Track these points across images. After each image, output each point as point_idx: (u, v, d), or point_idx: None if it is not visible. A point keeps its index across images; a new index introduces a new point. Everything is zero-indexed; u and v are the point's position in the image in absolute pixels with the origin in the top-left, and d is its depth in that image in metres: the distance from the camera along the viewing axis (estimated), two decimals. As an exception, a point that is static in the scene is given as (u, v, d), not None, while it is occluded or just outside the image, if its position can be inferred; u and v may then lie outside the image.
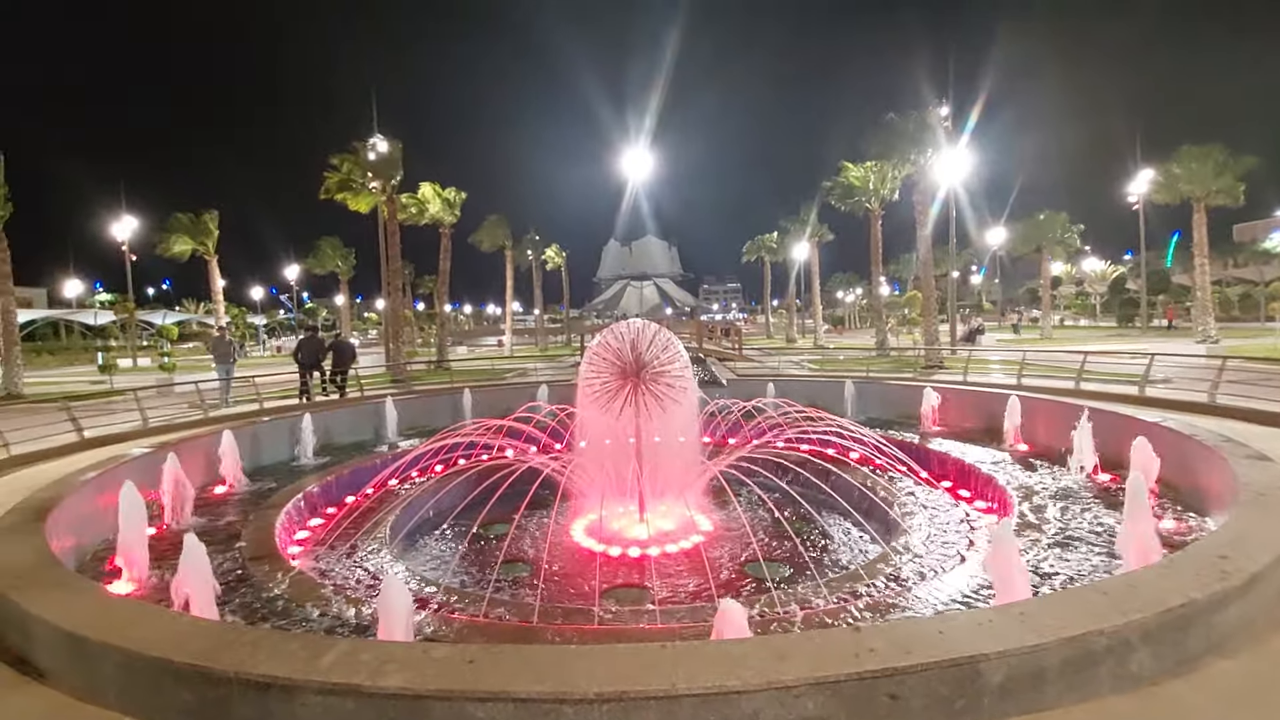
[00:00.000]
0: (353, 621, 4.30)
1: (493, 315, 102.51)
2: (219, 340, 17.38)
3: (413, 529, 7.36)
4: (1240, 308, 47.79)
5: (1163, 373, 11.02)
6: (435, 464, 8.92)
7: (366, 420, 11.85)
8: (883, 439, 8.20)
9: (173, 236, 31.50)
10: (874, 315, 32.38)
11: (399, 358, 24.53)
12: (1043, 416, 8.83)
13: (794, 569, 6.27)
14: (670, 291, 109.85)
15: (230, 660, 2.62)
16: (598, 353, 7.62)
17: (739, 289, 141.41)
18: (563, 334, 60.94)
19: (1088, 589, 3.37)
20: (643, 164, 38.45)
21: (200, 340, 54.09)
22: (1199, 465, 5.98)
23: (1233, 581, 3.19)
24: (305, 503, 7.64)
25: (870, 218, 29.02)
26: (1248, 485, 4.69)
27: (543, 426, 9.76)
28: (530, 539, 7.29)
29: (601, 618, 4.52)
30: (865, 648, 2.51)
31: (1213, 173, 27.05)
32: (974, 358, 19.07)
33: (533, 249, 51.16)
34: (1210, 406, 9.20)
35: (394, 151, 25.48)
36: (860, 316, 74.20)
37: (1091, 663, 2.77)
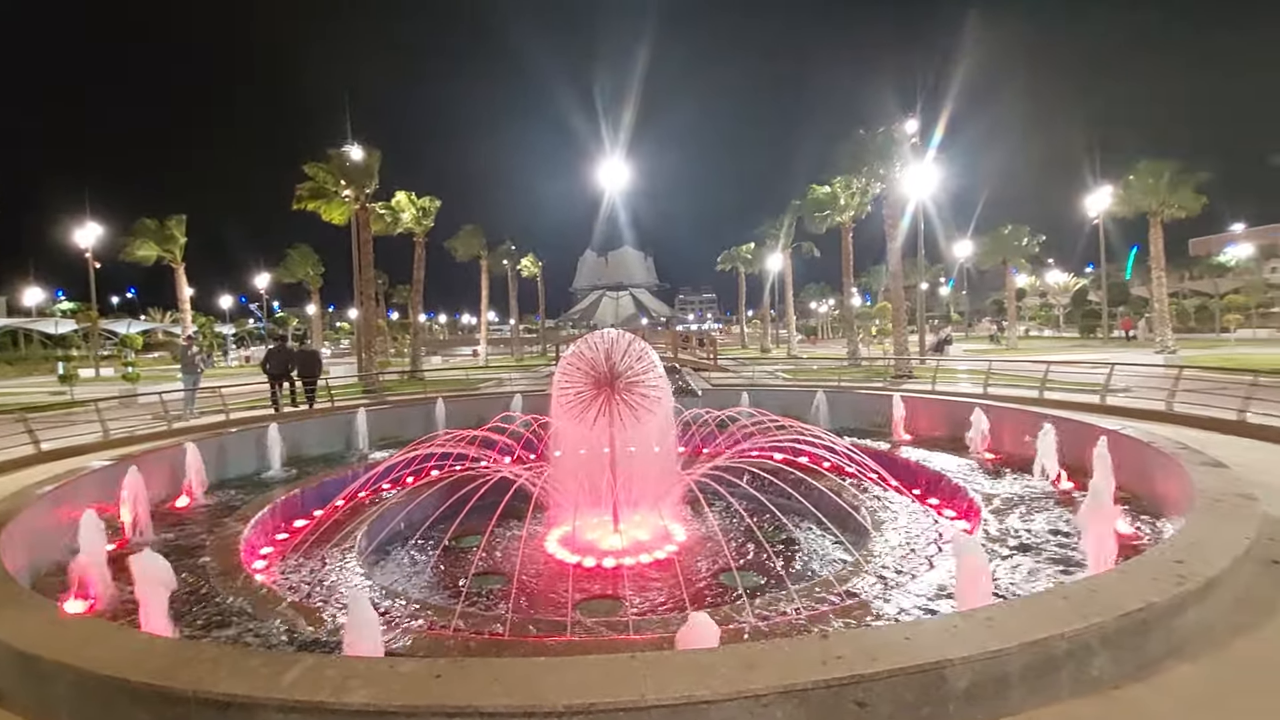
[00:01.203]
0: (319, 637, 4.20)
1: (468, 325, 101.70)
2: (185, 350, 16.95)
3: (384, 541, 7.24)
4: (1196, 319, 49.53)
5: (1123, 382, 11.37)
6: (407, 475, 8.79)
7: (337, 431, 11.64)
8: (854, 448, 8.30)
9: (137, 241, 30.68)
10: (846, 326, 32.87)
11: (371, 368, 24.16)
12: (1008, 425, 9.03)
13: (767, 578, 6.30)
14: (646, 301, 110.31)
15: (189, 678, 2.54)
16: (572, 362, 7.61)
17: (714, 299, 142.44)
18: (538, 344, 60.68)
19: (1050, 594, 3.44)
20: (619, 174, 38.67)
21: (166, 350, 52.70)
22: (1157, 472, 6.17)
23: (1189, 586, 3.28)
24: (272, 516, 7.47)
25: (842, 231, 29.52)
26: (1203, 491, 4.84)
27: (517, 437, 9.69)
28: (503, 550, 7.22)
29: (574, 629, 4.49)
30: (833, 655, 2.54)
31: (1167, 187, 28.08)
32: (942, 367, 19.44)
33: (508, 258, 50.92)
34: (1168, 414, 9.51)
35: (371, 160, 25.20)
36: (833, 327, 75.19)
37: (1053, 667, 2.83)
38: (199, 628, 4.43)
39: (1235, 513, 4.35)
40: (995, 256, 47.19)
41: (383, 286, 58.30)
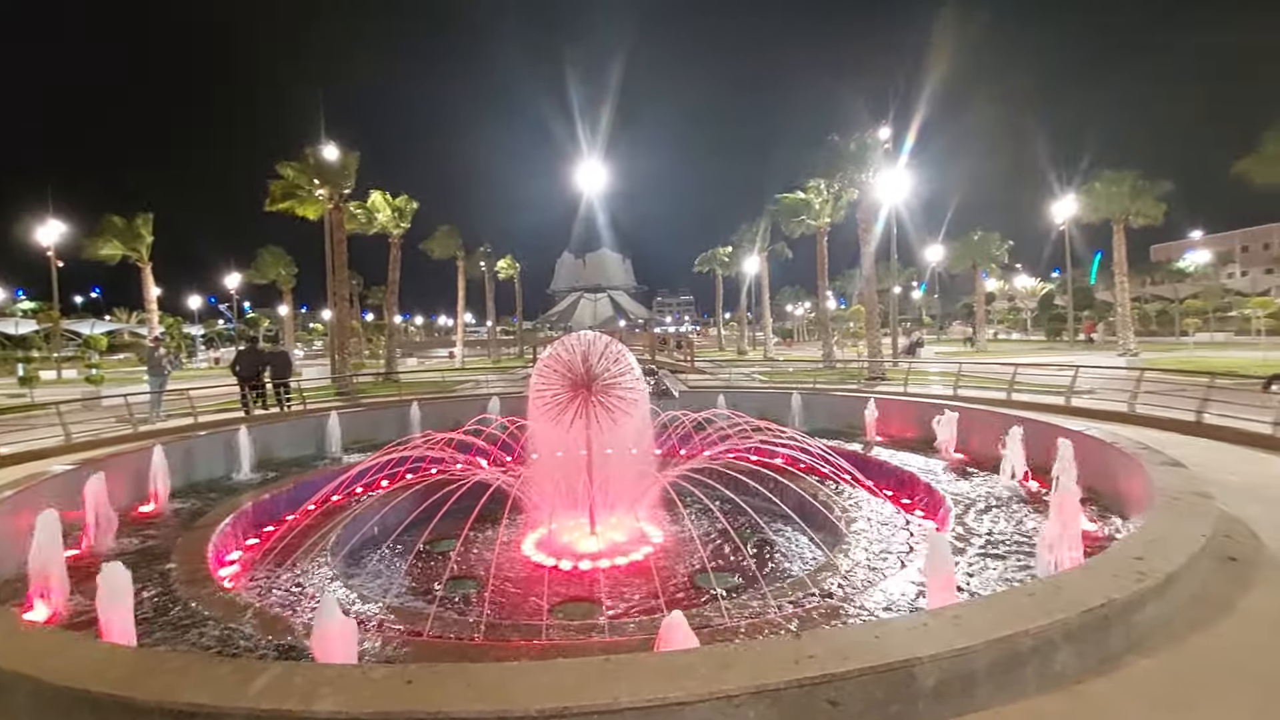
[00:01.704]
0: (289, 644, 4.13)
1: (444, 327, 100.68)
2: (152, 351, 16.52)
3: (356, 546, 7.14)
4: (1157, 323, 51.06)
5: (1087, 384, 11.67)
6: (381, 479, 8.68)
7: (309, 434, 11.45)
8: (828, 449, 8.39)
9: (102, 240, 29.84)
10: (821, 328, 33.24)
11: (345, 370, 23.80)
12: (977, 426, 9.21)
13: (743, 578, 6.34)
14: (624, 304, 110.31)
15: (152, 688, 2.48)
16: (549, 364, 7.59)
17: (692, 301, 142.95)
18: (516, 346, 60.32)
19: (1015, 591, 3.52)
20: (598, 176, 38.64)
21: (132, 351, 51.26)
22: (1119, 471, 6.35)
23: (1149, 582, 3.37)
24: (241, 521, 7.32)
25: (817, 235, 29.87)
26: (1163, 490, 4.98)
27: (494, 439, 9.63)
28: (479, 554, 7.16)
29: (549, 633, 4.48)
30: (805, 654, 2.57)
31: (1130, 195, 28.96)
32: (914, 370, 19.76)
33: (485, 260, 50.57)
34: (1130, 415, 9.80)
35: (349, 161, 24.83)
36: (808, 329, 75.98)
37: (1019, 663, 2.89)
38: (163, 637, 4.33)
39: (1192, 511, 4.49)
40: (965, 261, 48.37)
41: (357, 287, 57.49)
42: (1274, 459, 7.40)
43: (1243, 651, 3.26)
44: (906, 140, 25.61)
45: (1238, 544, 4.69)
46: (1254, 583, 4.06)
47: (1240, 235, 70.25)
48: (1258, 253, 70.50)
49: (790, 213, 30.40)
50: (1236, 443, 8.18)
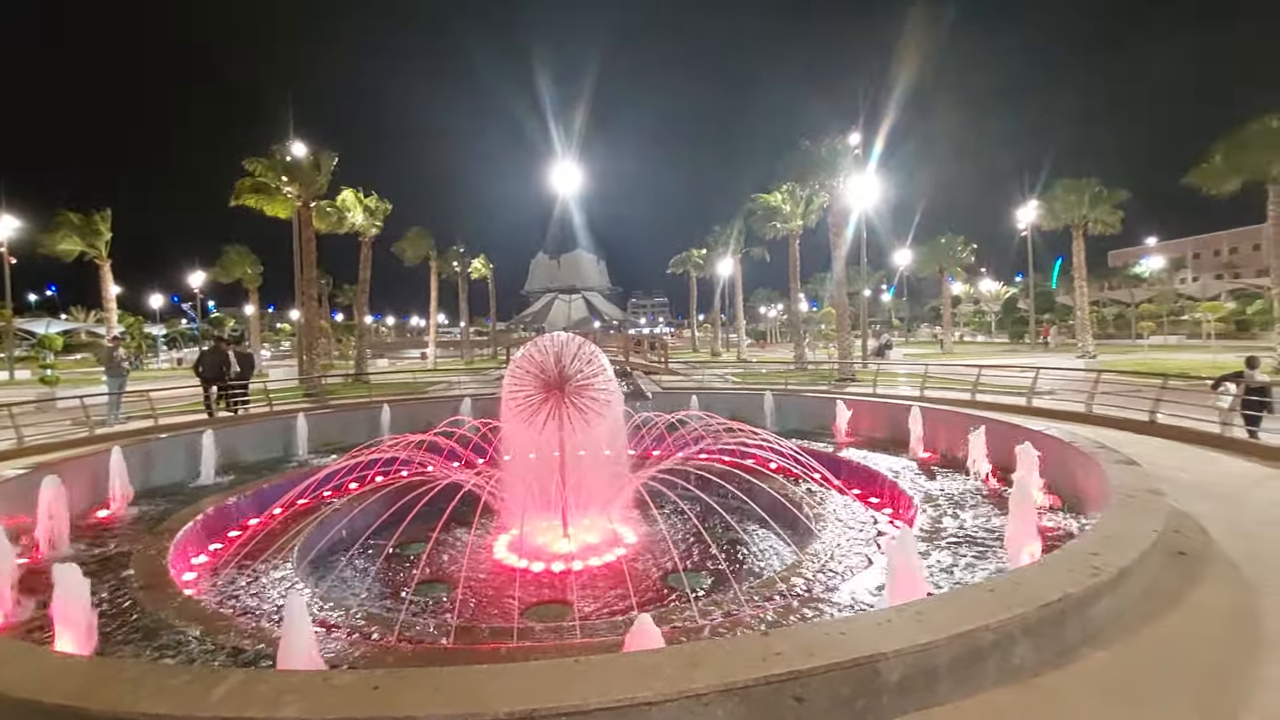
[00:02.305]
0: (253, 652, 4.04)
1: (416, 327, 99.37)
2: (110, 351, 15.99)
3: (324, 550, 7.01)
4: (1115, 326, 52.78)
5: (1048, 385, 12.02)
6: (350, 482, 8.54)
7: (276, 437, 11.21)
8: (799, 449, 8.50)
9: (58, 235, 28.80)
10: (793, 330, 33.64)
11: (313, 370, 23.34)
12: (943, 426, 9.42)
13: (715, 578, 6.39)
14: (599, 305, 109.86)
15: (107, 699, 2.41)
16: (521, 365, 7.55)
17: (666, 303, 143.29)
18: (490, 347, 59.80)
19: (977, 587, 3.61)
20: (573, 178, 38.54)
21: (89, 351, 49.50)
22: (1077, 470, 6.55)
23: (1103, 577, 3.49)
24: (204, 526, 7.14)
25: (790, 238, 30.22)
26: (1118, 488, 5.16)
27: (465, 441, 9.54)
28: (449, 557, 7.10)
29: (521, 636, 4.46)
30: (772, 652, 2.60)
31: (1088, 203, 29.93)
32: (883, 371, 20.11)
33: (458, 260, 50.01)
34: (1088, 415, 10.11)
35: (325, 161, 24.40)
36: (781, 331, 76.76)
37: (979, 657, 2.97)
38: (121, 646, 4.20)
39: (1145, 508, 4.66)
40: (932, 265, 49.48)
41: (326, 287, 56.38)
42: (1223, 457, 7.71)
43: (1191, 643, 3.40)
44: (875, 146, 26.10)
45: (1187, 539, 4.88)
46: (1202, 577, 4.23)
47: (1192, 242, 73.03)
48: (1208, 259, 73.39)
49: (764, 216, 30.75)
50: (1188, 441, 8.50)
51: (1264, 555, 4.58)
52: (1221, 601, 3.88)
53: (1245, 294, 46.41)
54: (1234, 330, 39.65)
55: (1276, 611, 3.71)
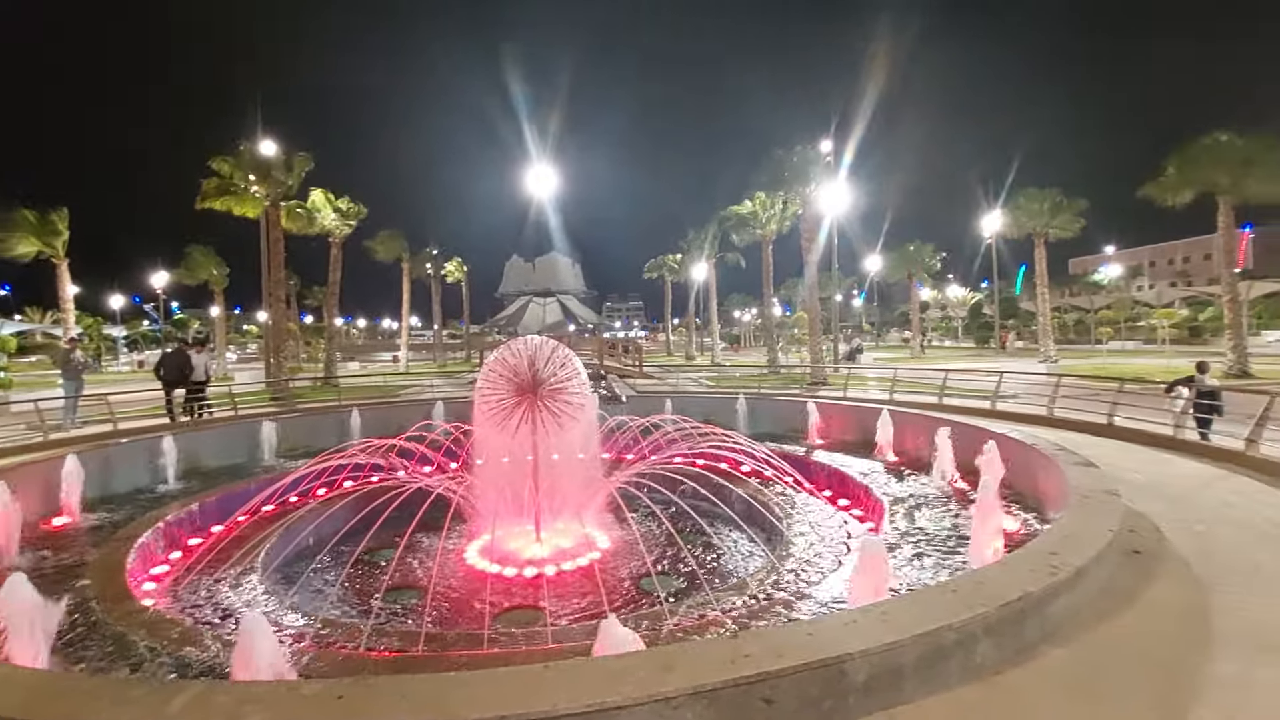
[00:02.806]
0: (214, 663, 3.94)
1: (388, 330, 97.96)
2: (67, 353, 15.45)
3: (290, 558, 6.88)
4: (1075, 331, 54.36)
5: (1012, 389, 12.33)
6: (318, 487, 8.37)
7: (240, 442, 10.95)
8: (772, 452, 8.59)
9: (15, 236, 27.71)
10: (766, 335, 33.98)
11: (280, 374, 22.86)
12: (910, 429, 9.60)
13: (687, 581, 6.41)
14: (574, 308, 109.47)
15: (60, 713, 2.33)
16: (494, 369, 7.50)
17: (641, 306, 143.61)
18: (463, 350, 59.22)
19: (940, 587, 3.69)
20: (548, 180, 38.42)
21: (45, 353, 47.73)
22: (1038, 471, 6.73)
23: (1061, 576, 3.59)
24: (164, 533, 6.95)
25: (763, 244, 30.55)
26: (1076, 489, 5.31)
27: (438, 446, 9.43)
28: (420, 563, 7.01)
29: (491, 642, 4.42)
30: (741, 654, 2.62)
31: (1050, 211, 30.86)
32: (853, 375, 20.43)
33: (432, 262, 49.45)
34: (1049, 419, 10.39)
35: (300, 162, 23.92)
36: (755, 335, 77.44)
37: (943, 656, 3.03)
38: (76, 658, 4.06)
39: (1102, 508, 4.81)
40: (901, 271, 50.53)
41: (295, 288, 55.30)
42: (1175, 458, 7.99)
43: (1146, 639, 3.51)
44: (846, 154, 26.65)
45: (1142, 538, 5.04)
46: (1156, 575, 4.38)
47: (1148, 251, 75.59)
48: (1164, 267, 76.03)
49: (737, 222, 31.07)
50: (1143, 443, 8.79)
51: (1214, 553, 4.76)
52: (1174, 599, 4.02)
53: (1198, 301, 48.24)
54: (1187, 336, 41.14)
55: (1226, 608, 3.85)
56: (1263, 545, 4.91)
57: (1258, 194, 22.22)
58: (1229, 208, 22.64)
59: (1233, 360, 21.76)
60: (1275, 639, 3.46)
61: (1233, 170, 22.01)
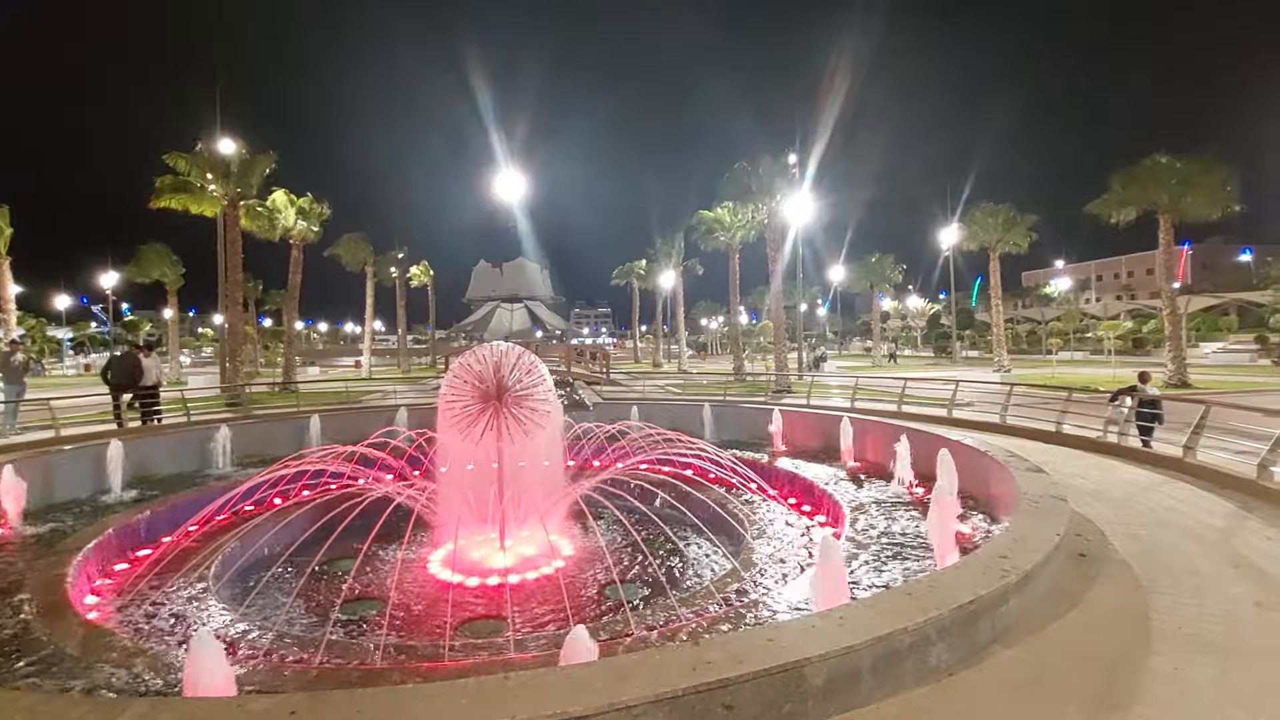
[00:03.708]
0: (162, 679, 3.80)
1: (351, 334, 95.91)
2: (7, 356, 14.71)
3: (244, 569, 6.66)
4: (1027, 342, 56.26)
5: (967, 397, 12.71)
6: (274, 496, 8.15)
7: (193, 449, 10.60)
8: (736, 459, 8.68)
9: (-46, 235, 26.31)
10: (733, 343, 34.34)
11: (236, 379, 22.14)
12: (871, 436, 9.82)
13: (652, 589, 6.43)
14: (541, 315, 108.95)
15: (-7, 736, 2.23)
16: (459, 375, 7.43)
17: (610, 313, 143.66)
18: (428, 355, 58.29)
19: (897, 591, 3.78)
20: (517, 186, 38.14)
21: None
22: (991, 477, 6.95)
23: (1011, 579, 3.71)
24: (110, 544, 6.69)
25: (730, 252, 30.91)
26: (1026, 494, 5.51)
27: (400, 453, 9.27)
28: (380, 574, 6.87)
29: (453, 653, 4.36)
30: (703, 660, 2.65)
31: (1003, 226, 32.00)
32: (817, 383, 20.75)
33: (397, 266, 48.56)
34: (1002, 426, 10.74)
35: (262, 161, 23.23)
36: (722, 343, 78.05)
37: (898, 659, 3.10)
38: (13, 675, 3.87)
39: (1050, 512, 4.99)
40: (864, 282, 51.78)
41: (254, 291, 53.70)
42: (1119, 464, 8.33)
43: (1091, 638, 3.66)
44: (810, 167, 27.20)
45: (1087, 542, 5.25)
46: (1099, 576, 4.57)
47: (1095, 265, 78.78)
48: (1110, 281, 79.37)
49: (705, 231, 31.35)
50: (1089, 450, 9.15)
51: (1153, 555, 4.98)
52: (1116, 600, 4.20)
53: (1141, 314, 50.48)
54: (1131, 347, 42.91)
55: (1162, 608, 4.04)
56: (1199, 548, 5.16)
57: (1194, 213, 23.42)
58: (1169, 225, 23.77)
59: (1173, 371, 22.79)
60: (1209, 638, 3.64)
61: (1171, 190, 23.16)
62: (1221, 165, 22.95)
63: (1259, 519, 5.88)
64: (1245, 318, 47.23)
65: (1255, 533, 5.53)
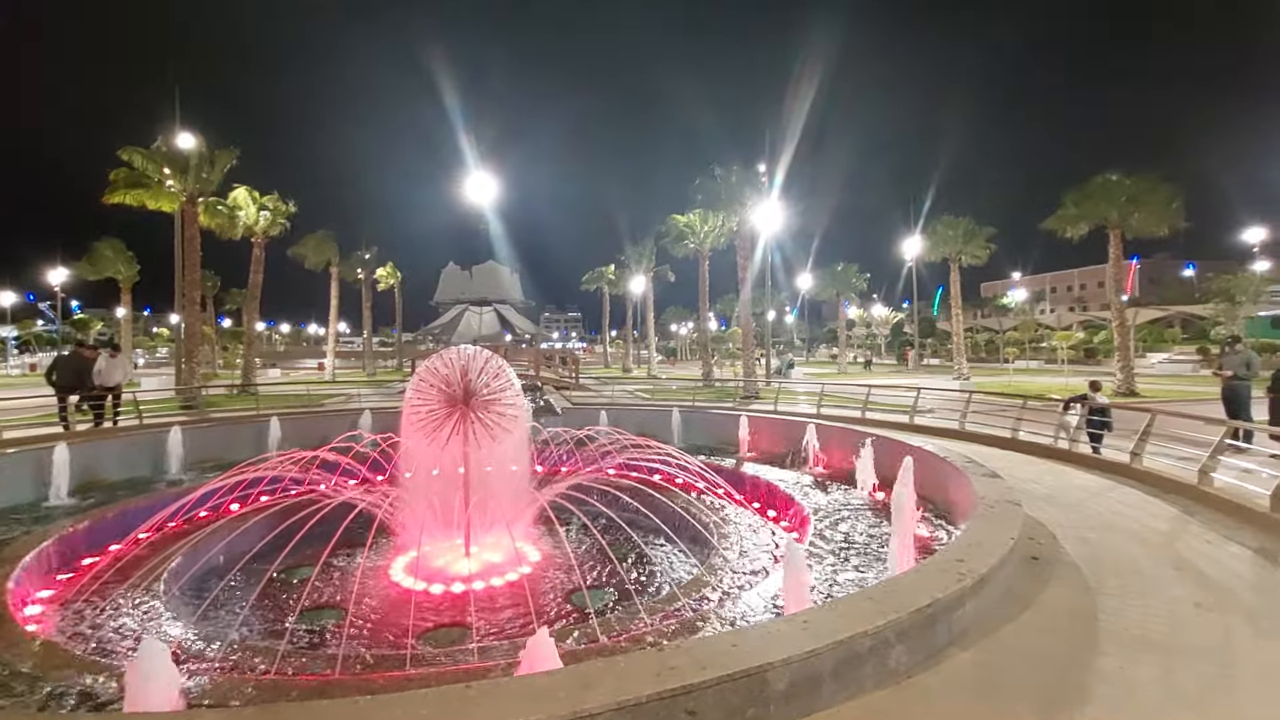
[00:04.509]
0: (106, 693, 3.66)
1: (314, 335, 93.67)
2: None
3: (197, 577, 6.45)
4: (986, 351, 57.96)
5: (928, 404, 13.02)
6: (230, 502, 7.91)
7: (144, 453, 10.24)
8: (704, 465, 8.74)
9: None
10: (702, 349, 34.57)
11: (192, 380, 21.43)
12: (836, 442, 9.99)
13: (619, 594, 6.42)
14: (511, 318, 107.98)
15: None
16: (425, 379, 7.33)
17: (580, 318, 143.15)
18: (394, 358, 57.27)
19: (857, 595, 3.85)
20: (487, 188, 37.85)
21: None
22: (949, 483, 7.13)
23: (967, 582, 3.80)
24: (54, 552, 6.41)
25: (700, 259, 31.14)
26: (983, 499, 5.66)
27: (363, 458, 9.10)
28: (341, 582, 6.72)
29: (415, 662, 4.29)
30: (666, 667, 2.66)
31: (963, 238, 32.96)
32: (784, 389, 21.01)
33: (363, 266, 47.61)
34: (961, 433, 11.03)
35: (222, 157, 22.54)
36: (691, 349, 78.51)
37: (859, 663, 3.16)
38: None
39: (1005, 517, 5.14)
40: (830, 290, 52.82)
41: (213, 289, 52.09)
42: (1070, 470, 8.62)
43: (1042, 638, 3.78)
44: (778, 177, 27.66)
45: (1040, 545, 5.42)
46: (1050, 579, 4.72)
47: (1050, 278, 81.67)
48: (1063, 293, 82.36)
49: (675, 237, 31.53)
50: (1042, 456, 9.45)
51: (1101, 558, 5.17)
52: (1067, 601, 4.34)
53: (1093, 324, 52.42)
54: (1083, 357, 44.54)
55: (1110, 610, 4.19)
56: (1143, 551, 5.37)
57: (1142, 229, 24.48)
58: (1118, 240, 24.77)
59: (1121, 380, 23.69)
60: (1153, 638, 3.79)
61: (1120, 207, 24.18)
62: (1167, 184, 24.02)
63: (1199, 523, 6.15)
64: (1189, 329, 49.45)
65: (1196, 536, 5.78)
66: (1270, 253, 47.69)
